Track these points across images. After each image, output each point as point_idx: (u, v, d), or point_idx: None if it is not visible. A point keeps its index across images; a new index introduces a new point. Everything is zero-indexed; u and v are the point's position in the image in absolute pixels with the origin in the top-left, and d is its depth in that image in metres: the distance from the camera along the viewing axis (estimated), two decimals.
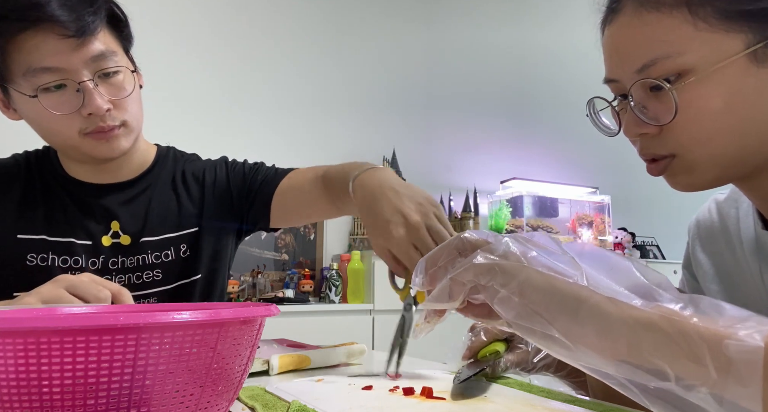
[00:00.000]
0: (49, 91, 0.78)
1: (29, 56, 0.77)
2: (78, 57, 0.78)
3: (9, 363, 0.33)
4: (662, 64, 0.53)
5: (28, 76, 0.78)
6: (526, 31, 3.44)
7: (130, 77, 0.85)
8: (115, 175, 0.94)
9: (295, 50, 2.78)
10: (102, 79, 0.81)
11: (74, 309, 0.53)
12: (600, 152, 3.40)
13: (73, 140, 0.83)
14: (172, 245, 0.95)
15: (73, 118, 0.80)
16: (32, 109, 0.80)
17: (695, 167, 0.56)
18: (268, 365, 0.73)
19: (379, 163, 2.84)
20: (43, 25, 0.76)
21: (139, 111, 0.88)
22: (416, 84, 3.09)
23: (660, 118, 0.55)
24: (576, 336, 0.35)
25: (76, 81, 0.78)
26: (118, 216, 0.93)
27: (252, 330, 0.42)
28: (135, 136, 0.89)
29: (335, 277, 2.45)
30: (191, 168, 1.02)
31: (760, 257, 0.63)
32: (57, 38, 0.76)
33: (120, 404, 0.35)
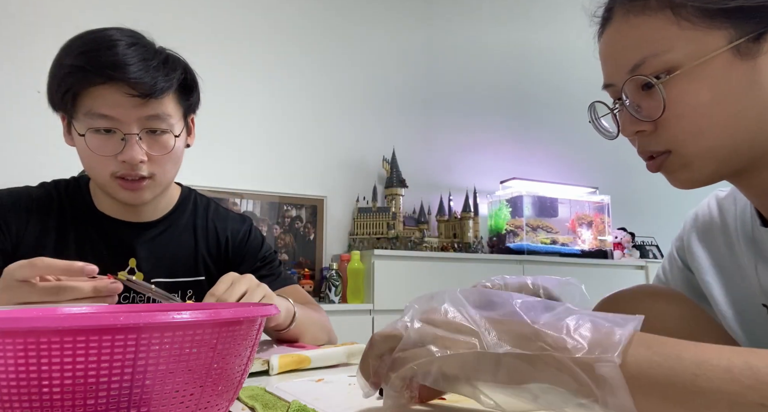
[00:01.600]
0: (99, 132, 0.86)
1: (93, 102, 0.84)
2: (134, 113, 0.85)
3: (9, 363, 0.33)
4: (651, 62, 0.56)
5: (87, 116, 0.85)
6: (526, 31, 3.44)
7: (173, 140, 0.91)
8: (140, 214, 1.00)
9: (295, 50, 2.78)
10: (148, 134, 0.88)
11: (74, 309, 0.53)
12: (600, 152, 3.40)
13: (104, 179, 0.89)
14: (180, 289, 1.01)
15: (109, 161, 0.87)
16: (80, 143, 0.88)
17: (691, 162, 0.58)
18: (268, 365, 0.73)
19: (379, 164, 2.85)
20: (119, 82, 0.83)
21: (173, 169, 0.95)
22: (416, 84, 3.09)
23: (653, 114, 0.57)
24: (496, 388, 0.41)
25: (123, 131, 0.85)
26: (137, 253, 0.98)
27: (252, 330, 0.42)
28: (161, 189, 0.95)
29: (335, 277, 2.45)
30: (218, 221, 1.08)
31: (756, 253, 0.64)
32: (124, 94, 0.83)
33: (120, 404, 0.35)
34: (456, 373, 0.42)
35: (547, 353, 0.38)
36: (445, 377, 0.42)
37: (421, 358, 0.42)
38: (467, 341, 0.41)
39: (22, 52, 2.22)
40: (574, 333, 0.39)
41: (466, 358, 0.41)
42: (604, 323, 0.39)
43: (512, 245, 2.89)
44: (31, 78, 2.21)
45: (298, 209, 2.67)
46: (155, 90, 0.85)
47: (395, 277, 2.44)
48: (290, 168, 2.70)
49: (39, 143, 2.16)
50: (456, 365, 0.42)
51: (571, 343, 0.38)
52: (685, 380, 0.35)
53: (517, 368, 0.40)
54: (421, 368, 0.43)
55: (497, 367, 0.40)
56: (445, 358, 0.42)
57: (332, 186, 2.78)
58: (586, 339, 0.38)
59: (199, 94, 1.00)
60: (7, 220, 0.92)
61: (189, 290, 1.02)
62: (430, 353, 0.42)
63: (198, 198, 1.10)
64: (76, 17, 2.33)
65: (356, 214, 2.73)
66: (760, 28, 0.53)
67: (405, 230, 2.72)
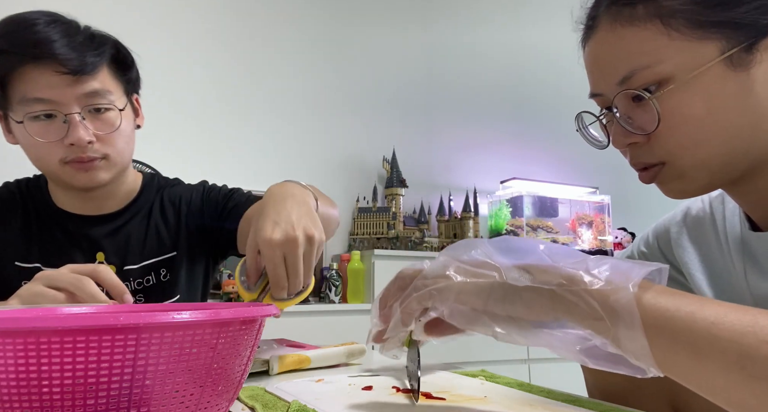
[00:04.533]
0: (38, 119, 0.82)
1: (25, 86, 0.81)
2: (71, 92, 0.82)
3: (9, 363, 0.33)
4: (641, 75, 0.54)
5: (22, 104, 0.82)
6: (526, 32, 3.44)
7: (118, 116, 0.88)
8: (100, 206, 0.97)
9: (295, 51, 2.78)
10: (92, 113, 0.85)
11: (74, 309, 0.53)
12: (600, 152, 3.38)
13: (54, 167, 0.86)
14: (152, 271, 0.98)
15: (56, 147, 0.83)
16: (22, 134, 0.84)
17: (685, 174, 0.57)
18: (268, 365, 0.73)
19: (379, 164, 2.85)
20: (45, 60, 0.80)
21: (126, 147, 0.91)
22: (416, 84, 3.09)
23: (645, 127, 0.56)
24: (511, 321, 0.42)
25: (63, 113, 0.82)
26: (103, 247, 0.96)
27: (252, 330, 0.42)
28: (117, 170, 0.91)
29: (335, 277, 2.45)
30: (169, 194, 1.04)
31: (745, 258, 0.64)
32: (54, 73, 0.80)
33: (120, 404, 0.35)
34: (473, 302, 0.42)
35: (564, 287, 0.39)
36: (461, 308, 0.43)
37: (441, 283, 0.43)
38: (488, 273, 0.42)
39: None
40: (592, 271, 0.39)
41: (484, 287, 0.42)
42: (623, 264, 0.40)
43: None
44: None
45: None
46: (85, 64, 0.82)
47: None
48: (290, 168, 2.69)
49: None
50: (473, 294, 0.42)
51: (588, 278, 0.39)
52: (702, 326, 0.36)
53: (534, 301, 0.40)
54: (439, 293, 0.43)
55: (514, 299, 0.41)
56: (463, 285, 0.42)
57: (332, 186, 2.78)
58: (603, 275, 0.39)
59: (138, 72, 0.94)
60: None
61: (162, 269, 0.99)
62: (450, 278, 0.43)
63: (160, 181, 1.06)
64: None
65: (356, 214, 2.73)
66: (751, 38, 0.52)
67: (405, 230, 2.72)
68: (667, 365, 0.37)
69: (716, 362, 0.35)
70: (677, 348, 0.36)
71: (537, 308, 0.40)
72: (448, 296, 0.43)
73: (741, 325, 0.35)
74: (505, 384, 0.63)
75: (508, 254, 0.44)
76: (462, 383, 0.64)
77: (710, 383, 0.36)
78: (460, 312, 0.43)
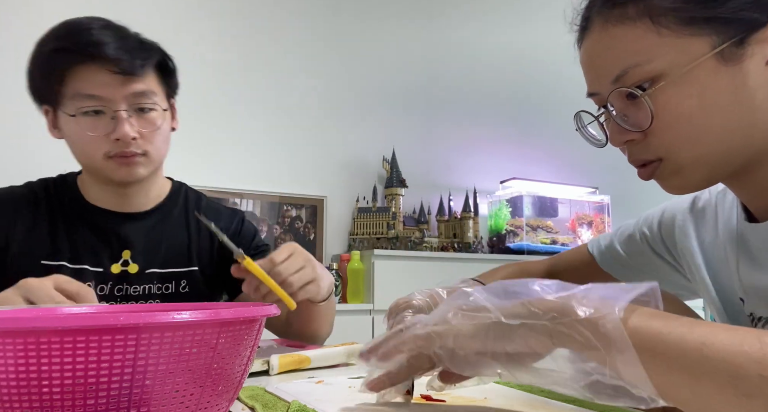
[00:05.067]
0: (88, 114, 0.88)
1: (79, 83, 0.87)
2: (120, 91, 0.88)
3: (9, 363, 0.33)
4: (633, 73, 0.55)
5: (75, 99, 0.88)
6: (526, 31, 3.44)
7: (162, 116, 0.95)
8: (132, 203, 1.01)
9: (294, 51, 2.78)
10: (137, 112, 0.91)
11: (74, 309, 0.53)
12: (600, 152, 3.38)
13: (98, 161, 0.91)
14: (174, 279, 1.01)
15: (102, 141, 0.89)
16: (71, 128, 0.90)
17: (683, 169, 0.57)
18: (268, 365, 0.73)
19: (379, 164, 2.85)
20: (99, 61, 0.87)
21: (163, 146, 0.97)
22: (416, 84, 3.09)
23: (640, 124, 0.56)
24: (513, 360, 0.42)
25: (112, 109, 0.88)
26: (131, 245, 0.99)
27: (252, 330, 0.42)
28: (154, 167, 0.97)
29: (335, 277, 2.45)
30: (207, 213, 1.08)
31: (738, 249, 0.65)
32: (107, 73, 0.87)
33: (120, 404, 0.35)
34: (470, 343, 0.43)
35: (556, 320, 0.39)
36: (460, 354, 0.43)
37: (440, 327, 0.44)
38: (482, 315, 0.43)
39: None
40: (582, 300, 0.40)
41: (480, 327, 0.42)
42: (612, 290, 0.40)
43: (512, 244, 2.89)
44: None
45: (298, 209, 2.67)
46: (135, 66, 0.89)
47: (395, 277, 2.44)
48: (290, 168, 2.70)
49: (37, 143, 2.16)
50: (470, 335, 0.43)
51: (578, 308, 0.39)
52: (693, 347, 0.36)
53: (530, 337, 0.41)
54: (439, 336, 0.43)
55: (512, 336, 0.41)
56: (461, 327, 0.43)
57: (332, 186, 2.78)
58: (592, 303, 0.39)
59: (177, 78, 1.02)
60: None
61: (183, 280, 1.02)
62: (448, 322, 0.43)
63: (189, 192, 1.11)
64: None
65: (356, 214, 2.73)
66: (741, 33, 0.52)
67: (405, 230, 2.72)
68: (665, 389, 0.37)
69: (710, 383, 0.35)
70: (672, 371, 0.36)
71: (534, 343, 0.41)
72: (448, 338, 0.43)
73: (730, 344, 0.35)
74: (505, 385, 0.63)
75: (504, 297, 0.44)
76: (462, 384, 0.64)
77: (707, 404, 0.36)
78: (461, 358, 0.43)
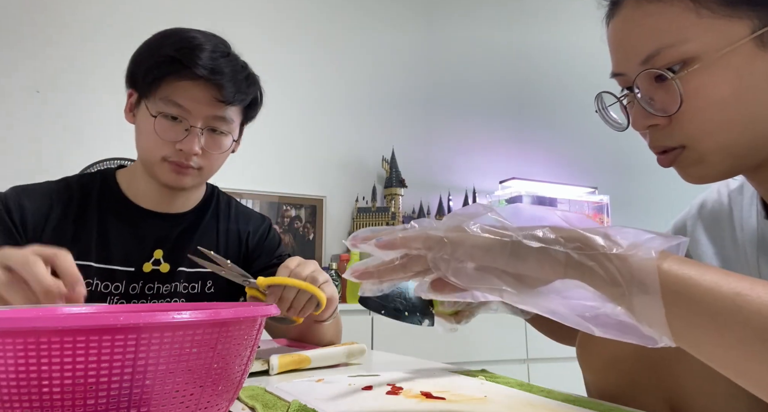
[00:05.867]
0: (167, 118, 0.92)
1: (175, 91, 0.91)
2: (206, 111, 0.93)
3: (9, 363, 0.33)
4: (666, 54, 0.52)
5: (162, 101, 0.92)
6: (526, 31, 3.44)
7: (229, 142, 0.99)
8: (172, 205, 1.04)
9: (294, 51, 2.78)
10: (209, 132, 0.96)
11: (74, 309, 0.53)
12: (599, 152, 3.40)
13: (154, 160, 0.95)
14: (200, 279, 1.04)
15: (166, 145, 0.93)
16: (147, 123, 0.93)
17: (705, 158, 0.55)
18: (268, 365, 0.73)
19: (378, 164, 2.84)
20: (206, 82, 0.91)
21: (218, 166, 1.01)
22: (416, 84, 3.09)
23: (667, 108, 0.54)
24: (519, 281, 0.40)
25: (190, 123, 0.93)
26: (165, 245, 1.01)
27: (252, 330, 0.42)
28: (202, 181, 1.02)
29: (334, 277, 2.45)
30: (238, 216, 1.13)
31: (760, 249, 0.63)
32: (203, 93, 0.91)
33: (120, 404, 0.35)
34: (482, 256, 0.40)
35: (581, 250, 0.38)
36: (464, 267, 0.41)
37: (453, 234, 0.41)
38: (503, 232, 0.41)
39: (22, 51, 2.22)
40: (613, 237, 0.38)
41: (495, 243, 0.40)
42: (644, 233, 0.39)
43: None
44: (31, 77, 2.21)
45: (298, 208, 2.67)
46: (235, 100, 0.95)
47: None
48: (289, 168, 2.69)
49: (39, 143, 2.16)
50: (484, 249, 0.40)
51: (607, 243, 0.38)
52: (727, 296, 0.35)
53: (546, 261, 0.39)
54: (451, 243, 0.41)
55: (527, 256, 0.39)
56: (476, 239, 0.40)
57: (332, 186, 2.77)
58: (623, 241, 0.38)
59: (258, 110, 1.07)
60: (23, 215, 0.93)
61: (209, 281, 1.05)
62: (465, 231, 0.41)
63: (220, 194, 1.15)
64: (76, 16, 2.33)
65: (356, 214, 2.73)
66: None
67: None
68: (682, 334, 0.36)
69: (736, 333, 0.34)
70: (696, 317, 0.35)
71: (548, 267, 0.39)
72: (460, 247, 0.41)
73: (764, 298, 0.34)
74: (505, 384, 0.63)
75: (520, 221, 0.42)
76: (462, 383, 0.64)
77: (725, 353, 0.35)
78: (465, 271, 0.41)
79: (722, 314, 0.35)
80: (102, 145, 2.14)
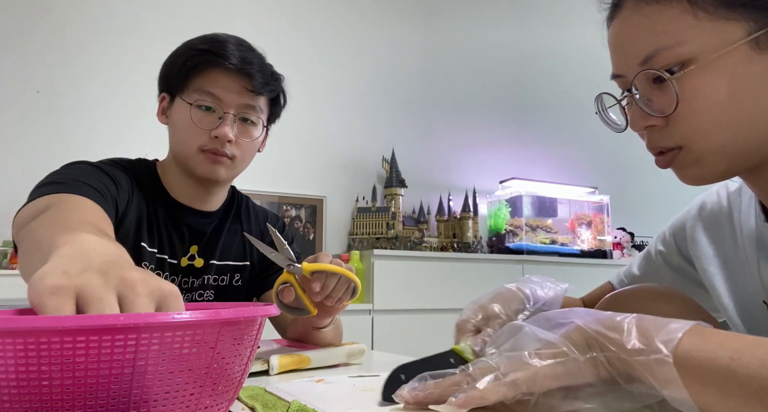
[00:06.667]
0: (201, 108, 0.97)
1: (208, 82, 0.96)
2: (237, 99, 0.98)
3: (9, 363, 0.33)
4: (664, 55, 0.53)
5: (197, 92, 0.96)
6: (526, 31, 3.44)
7: (259, 132, 1.03)
8: (206, 203, 1.07)
9: (294, 50, 2.78)
10: (241, 121, 1.00)
11: None
12: (599, 152, 3.40)
13: (191, 151, 0.98)
14: (229, 272, 1.09)
15: (202, 134, 0.97)
16: (181, 115, 0.97)
17: (702, 159, 0.55)
18: (268, 365, 0.73)
19: (378, 163, 2.84)
20: (237, 72, 0.96)
21: (248, 159, 1.05)
22: (416, 84, 3.09)
23: (665, 109, 0.54)
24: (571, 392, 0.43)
25: (223, 111, 0.97)
26: (200, 241, 1.05)
27: (252, 330, 0.42)
28: (235, 173, 1.04)
29: None
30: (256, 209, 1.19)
31: (759, 250, 0.63)
32: (235, 82, 0.97)
33: (120, 404, 0.35)
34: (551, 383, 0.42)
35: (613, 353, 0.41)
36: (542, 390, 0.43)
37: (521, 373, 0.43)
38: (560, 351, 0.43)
39: (23, 51, 2.22)
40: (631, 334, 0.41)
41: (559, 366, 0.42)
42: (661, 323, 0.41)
43: (512, 244, 2.89)
44: (31, 78, 2.21)
45: (298, 208, 2.67)
46: (264, 90, 1.00)
47: (395, 277, 2.44)
48: (290, 168, 2.69)
49: (38, 142, 2.16)
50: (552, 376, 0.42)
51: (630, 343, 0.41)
52: (721, 364, 0.37)
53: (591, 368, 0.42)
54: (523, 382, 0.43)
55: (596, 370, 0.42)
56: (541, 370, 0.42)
57: (332, 186, 2.78)
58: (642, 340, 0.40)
59: (281, 111, 1.13)
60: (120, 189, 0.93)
61: (236, 274, 1.10)
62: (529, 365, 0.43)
63: (238, 193, 1.19)
64: (79, 16, 2.33)
65: (356, 214, 2.73)
66: None
67: (404, 230, 2.72)
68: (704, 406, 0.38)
69: (738, 398, 0.36)
70: (706, 387, 0.38)
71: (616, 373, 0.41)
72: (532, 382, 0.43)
73: (756, 359, 0.36)
74: None
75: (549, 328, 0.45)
76: None
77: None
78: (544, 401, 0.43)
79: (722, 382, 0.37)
80: (103, 145, 2.14)
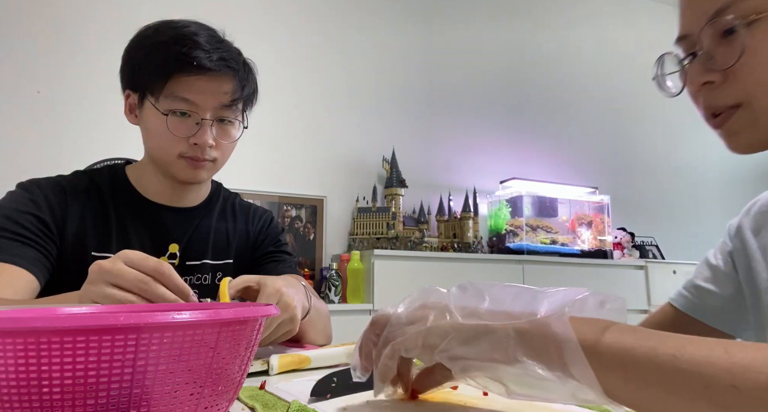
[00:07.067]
0: (176, 115, 0.92)
1: (181, 86, 0.91)
2: (213, 102, 0.93)
3: (9, 363, 0.33)
4: (736, 7, 0.52)
5: (170, 98, 0.91)
6: (526, 31, 3.44)
7: (238, 130, 1.01)
8: (183, 199, 1.05)
9: (294, 51, 2.78)
10: (219, 122, 0.96)
11: (74, 309, 0.53)
12: (600, 152, 3.40)
13: (170, 158, 0.95)
14: (211, 271, 1.06)
15: (180, 141, 0.93)
16: (157, 123, 0.93)
17: (759, 120, 0.54)
18: (268, 365, 0.73)
19: (379, 164, 2.85)
20: (207, 72, 0.91)
21: (229, 155, 1.02)
22: (416, 84, 3.09)
23: (727, 62, 0.53)
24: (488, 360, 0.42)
25: (200, 116, 0.93)
26: (179, 239, 1.03)
27: (252, 330, 0.42)
28: (215, 172, 1.02)
29: (335, 277, 2.45)
30: (242, 209, 1.15)
31: None
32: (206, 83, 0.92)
33: (120, 404, 0.35)
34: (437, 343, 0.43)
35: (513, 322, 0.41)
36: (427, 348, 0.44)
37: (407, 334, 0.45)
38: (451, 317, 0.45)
39: (23, 51, 2.22)
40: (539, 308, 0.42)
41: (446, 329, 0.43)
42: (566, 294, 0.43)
43: (512, 245, 2.89)
44: (31, 78, 2.21)
45: (298, 208, 2.67)
46: (238, 88, 0.95)
47: (395, 277, 2.44)
48: (290, 168, 2.70)
49: (38, 142, 2.16)
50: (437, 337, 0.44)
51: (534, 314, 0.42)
52: (664, 360, 0.35)
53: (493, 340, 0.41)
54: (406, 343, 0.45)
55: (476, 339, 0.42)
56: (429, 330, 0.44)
57: (332, 186, 2.78)
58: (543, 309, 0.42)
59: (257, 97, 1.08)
60: (51, 207, 0.93)
61: (219, 272, 1.07)
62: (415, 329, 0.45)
63: (223, 189, 1.16)
64: (80, 16, 2.33)
65: (356, 214, 2.73)
66: None
67: (405, 230, 2.72)
68: (642, 405, 0.36)
69: (684, 395, 0.35)
70: (646, 384, 0.36)
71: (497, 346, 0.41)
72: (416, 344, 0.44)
73: (701, 356, 0.35)
74: None
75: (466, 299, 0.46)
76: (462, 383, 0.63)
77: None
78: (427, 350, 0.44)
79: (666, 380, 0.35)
80: (102, 145, 2.14)
